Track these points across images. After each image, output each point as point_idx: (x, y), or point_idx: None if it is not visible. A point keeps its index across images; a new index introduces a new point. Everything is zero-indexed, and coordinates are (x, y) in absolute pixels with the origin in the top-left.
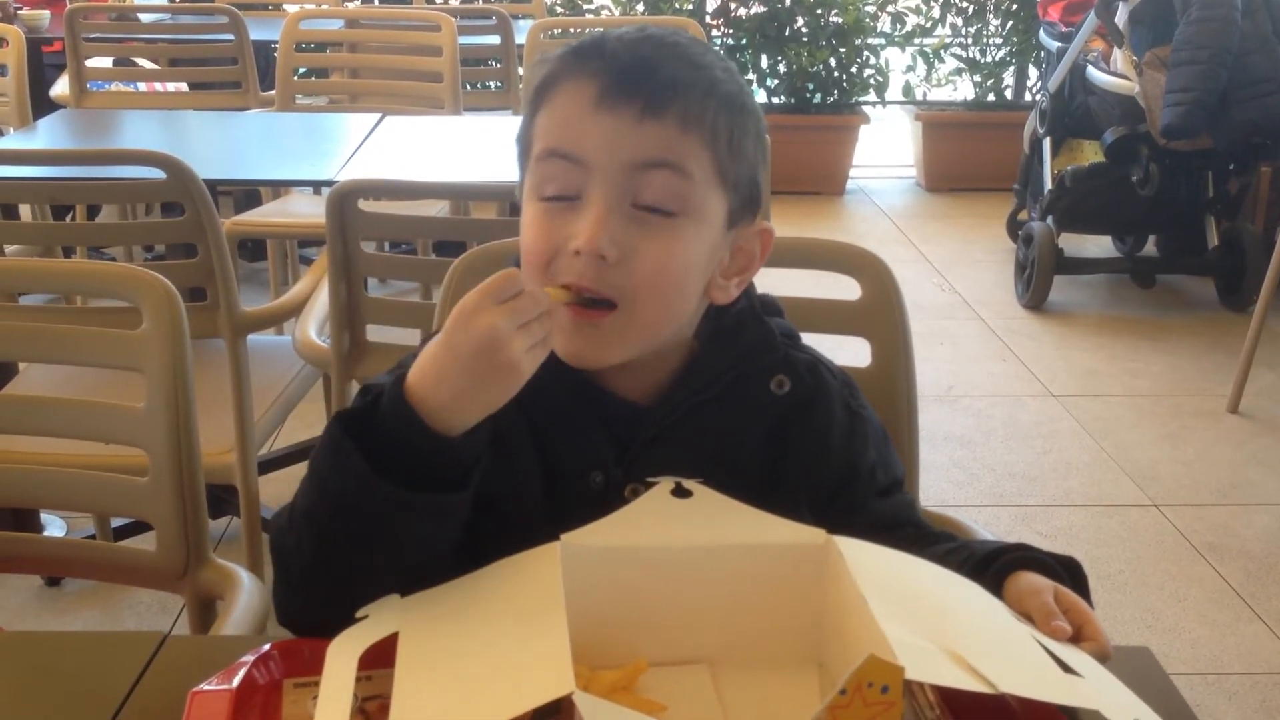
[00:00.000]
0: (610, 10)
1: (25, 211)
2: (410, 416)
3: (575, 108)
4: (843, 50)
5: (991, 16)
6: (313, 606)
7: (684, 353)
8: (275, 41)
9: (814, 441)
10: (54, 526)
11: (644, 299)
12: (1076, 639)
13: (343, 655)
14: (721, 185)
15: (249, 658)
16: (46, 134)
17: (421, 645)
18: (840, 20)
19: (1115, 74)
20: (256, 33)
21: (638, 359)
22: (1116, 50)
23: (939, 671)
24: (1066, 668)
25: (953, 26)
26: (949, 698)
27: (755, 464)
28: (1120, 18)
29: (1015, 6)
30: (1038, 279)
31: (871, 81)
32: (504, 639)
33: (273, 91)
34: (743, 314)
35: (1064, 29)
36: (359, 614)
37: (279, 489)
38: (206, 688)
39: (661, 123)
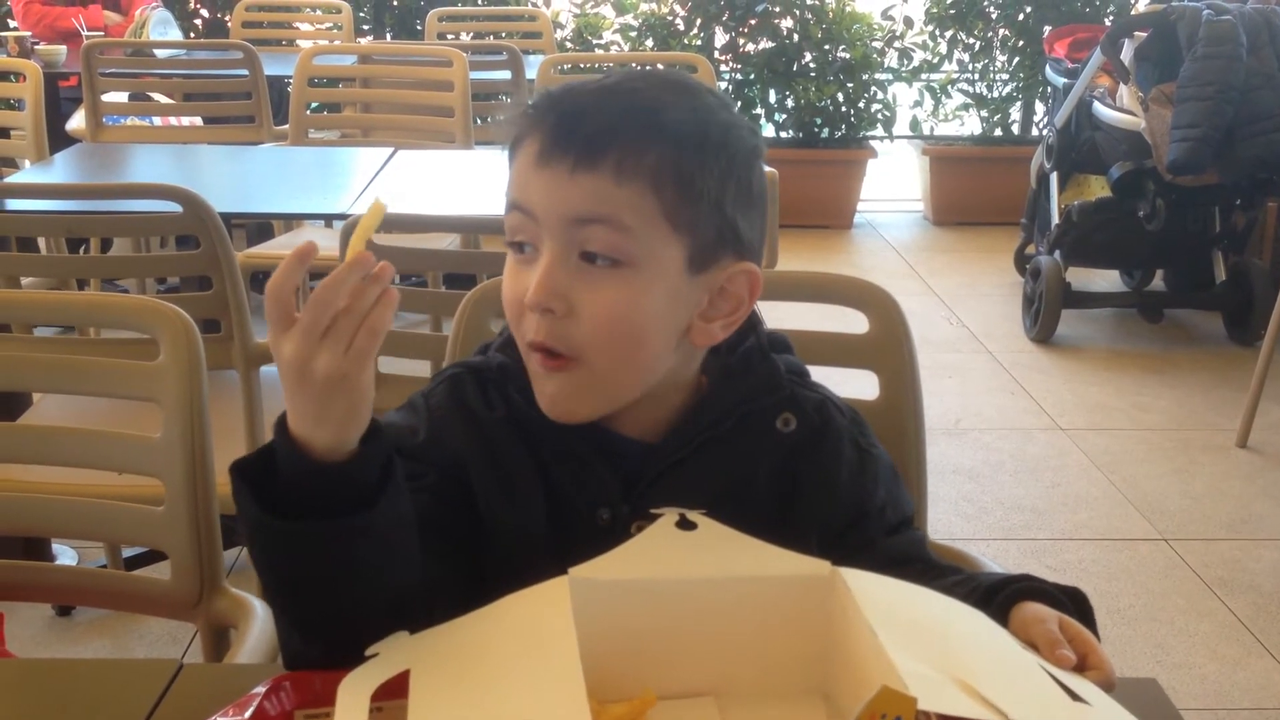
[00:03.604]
0: (620, 46)
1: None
2: (291, 450)
3: (525, 162)
4: (850, 85)
5: (998, 52)
6: (313, 649)
7: (691, 390)
8: (289, 76)
9: (822, 479)
10: (65, 556)
11: (597, 350)
12: (1081, 668)
13: (354, 694)
14: (673, 230)
15: (261, 689)
16: (63, 168)
17: (434, 681)
18: (848, 56)
19: (1121, 110)
20: (270, 68)
21: (636, 400)
22: (1122, 86)
23: (951, 701)
24: (1075, 696)
25: (960, 62)
26: None
27: (763, 502)
28: (1126, 54)
29: (1022, 43)
30: (1045, 313)
31: (879, 116)
32: (517, 674)
33: (286, 126)
34: (750, 352)
35: (1070, 65)
36: (369, 652)
37: None
38: (219, 719)
39: (595, 175)
